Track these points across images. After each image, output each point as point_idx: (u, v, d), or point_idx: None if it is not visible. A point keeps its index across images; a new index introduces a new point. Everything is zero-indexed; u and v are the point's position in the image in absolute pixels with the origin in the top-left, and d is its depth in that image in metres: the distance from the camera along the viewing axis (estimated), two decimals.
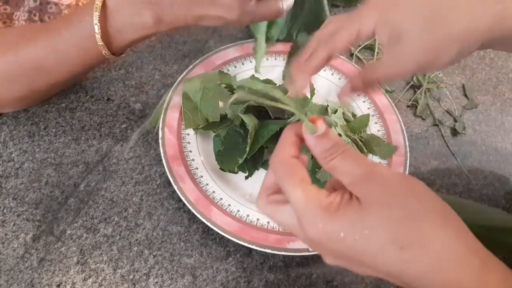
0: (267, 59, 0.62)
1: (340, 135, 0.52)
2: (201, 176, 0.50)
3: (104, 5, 0.44)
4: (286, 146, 0.32)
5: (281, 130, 0.49)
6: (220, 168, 0.51)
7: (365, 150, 0.54)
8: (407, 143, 0.55)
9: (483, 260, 0.27)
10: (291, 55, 0.62)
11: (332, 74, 0.62)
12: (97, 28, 0.44)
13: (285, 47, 0.63)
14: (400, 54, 0.36)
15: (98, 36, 0.44)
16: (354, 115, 0.58)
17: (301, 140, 0.32)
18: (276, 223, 0.34)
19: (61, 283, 0.44)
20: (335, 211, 0.28)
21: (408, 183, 0.29)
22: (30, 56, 0.45)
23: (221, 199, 0.48)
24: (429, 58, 0.35)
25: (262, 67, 0.58)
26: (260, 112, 0.52)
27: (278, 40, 0.62)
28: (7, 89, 0.48)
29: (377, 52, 0.69)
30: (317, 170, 0.50)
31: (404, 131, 0.56)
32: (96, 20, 0.44)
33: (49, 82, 0.49)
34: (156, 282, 0.45)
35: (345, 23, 0.39)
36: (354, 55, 0.68)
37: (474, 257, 0.27)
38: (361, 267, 0.29)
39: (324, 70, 0.62)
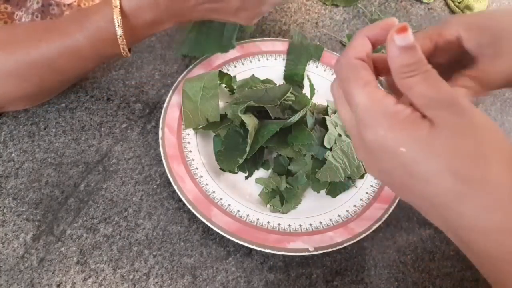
0: (267, 59, 0.62)
1: (340, 135, 0.52)
2: (201, 176, 0.50)
3: (121, 8, 0.44)
4: (354, 47, 0.29)
5: (281, 130, 0.50)
6: (220, 168, 0.51)
7: None
8: None
9: None
10: (290, 54, 0.62)
11: (332, 74, 0.62)
12: (119, 31, 0.44)
13: (285, 46, 0.63)
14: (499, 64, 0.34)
15: (120, 39, 0.45)
16: None
17: (374, 45, 0.29)
18: (335, 103, 0.31)
19: (61, 283, 0.44)
20: (402, 121, 0.26)
21: (488, 122, 0.27)
22: (42, 57, 0.45)
23: (221, 199, 0.48)
24: None
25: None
26: (260, 112, 0.52)
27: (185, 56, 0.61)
28: (16, 87, 0.48)
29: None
30: (317, 170, 0.50)
31: None
32: (118, 24, 0.44)
33: (59, 80, 0.49)
34: (156, 282, 0.45)
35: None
36: None
37: None
38: (403, 189, 0.28)
39: (324, 70, 0.62)
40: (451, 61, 0.37)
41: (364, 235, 0.47)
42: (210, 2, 0.47)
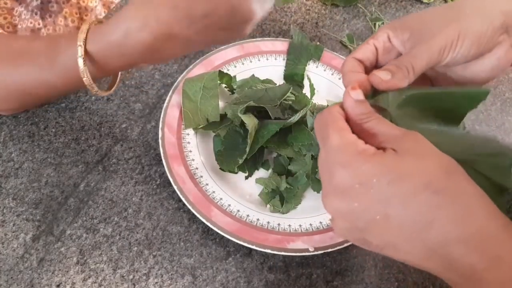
0: (267, 59, 0.62)
1: None
2: (201, 176, 0.50)
3: (86, 53, 0.41)
4: (335, 106, 0.34)
5: (281, 130, 0.49)
6: (220, 168, 0.51)
7: None
8: None
9: (506, 218, 0.28)
10: (290, 54, 0.62)
11: (332, 74, 0.62)
12: (88, 81, 0.42)
13: (285, 46, 0.63)
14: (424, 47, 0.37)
15: (90, 87, 0.43)
16: None
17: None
18: (318, 138, 0.34)
19: (61, 283, 0.44)
20: (371, 156, 0.29)
21: (437, 150, 0.31)
22: (17, 82, 0.45)
23: (221, 199, 0.48)
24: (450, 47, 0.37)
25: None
26: (260, 112, 0.52)
27: None
28: None
29: None
30: (317, 170, 0.50)
31: None
32: (85, 74, 0.42)
33: (39, 102, 0.49)
34: (156, 282, 0.45)
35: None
36: None
37: (500, 214, 0.28)
38: (381, 229, 0.29)
39: (324, 70, 0.62)
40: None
41: None
42: (193, 43, 0.42)
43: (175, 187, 0.48)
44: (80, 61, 0.41)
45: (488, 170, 0.32)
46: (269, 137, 0.49)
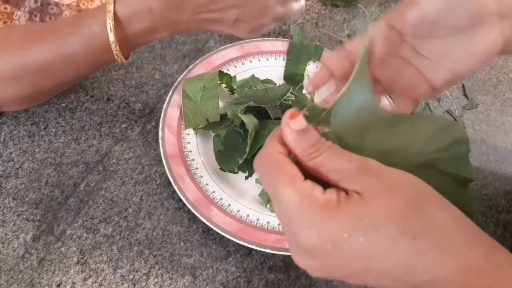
0: (267, 59, 0.62)
1: None
2: (201, 176, 0.50)
3: (115, 14, 0.44)
4: (273, 142, 0.29)
5: None
6: (220, 168, 0.51)
7: None
8: None
9: (486, 239, 0.27)
10: (290, 54, 0.62)
11: None
12: (112, 37, 0.44)
13: (284, 47, 0.63)
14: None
15: (113, 45, 0.45)
16: None
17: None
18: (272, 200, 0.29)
19: (61, 283, 0.44)
20: (336, 208, 0.26)
21: (398, 173, 0.27)
22: (35, 59, 0.45)
23: (221, 199, 0.48)
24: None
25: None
26: (260, 112, 0.52)
27: None
28: (9, 89, 0.47)
29: None
30: None
31: None
32: (110, 29, 0.44)
33: (53, 83, 0.49)
34: (156, 282, 0.45)
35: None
36: None
37: (478, 237, 0.27)
38: (361, 275, 0.27)
39: None
40: None
41: None
42: (207, 12, 0.47)
43: (175, 187, 0.48)
44: (109, 16, 0.43)
45: (450, 165, 0.30)
46: None
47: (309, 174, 0.28)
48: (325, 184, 0.27)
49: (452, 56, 0.37)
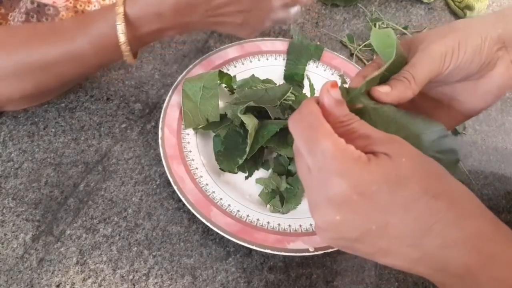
0: (267, 59, 0.61)
1: None
2: (201, 176, 0.50)
3: (125, 15, 0.44)
4: (312, 103, 0.31)
5: (281, 130, 0.49)
6: (220, 168, 0.51)
7: None
8: None
9: (491, 213, 0.29)
10: (290, 54, 0.62)
11: (332, 74, 0.62)
12: (122, 37, 0.44)
13: (284, 46, 0.63)
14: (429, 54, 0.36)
15: (123, 46, 0.45)
16: None
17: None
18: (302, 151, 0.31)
19: (61, 283, 0.44)
20: (367, 163, 0.28)
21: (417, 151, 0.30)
22: (42, 58, 0.45)
23: (221, 199, 0.48)
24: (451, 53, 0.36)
25: None
26: (260, 112, 0.52)
27: None
28: (14, 87, 0.47)
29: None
30: None
31: None
32: (121, 31, 0.44)
33: (58, 82, 0.49)
34: (156, 283, 0.45)
35: None
36: (354, 54, 0.68)
37: (486, 209, 0.29)
38: (377, 235, 0.28)
39: (324, 70, 0.62)
40: None
41: None
42: (215, 16, 0.48)
43: (175, 187, 0.47)
44: (119, 18, 0.44)
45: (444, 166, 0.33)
46: (269, 137, 0.49)
47: None
48: None
49: (462, 99, 0.40)
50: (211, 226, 0.46)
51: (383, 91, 0.34)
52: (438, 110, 0.40)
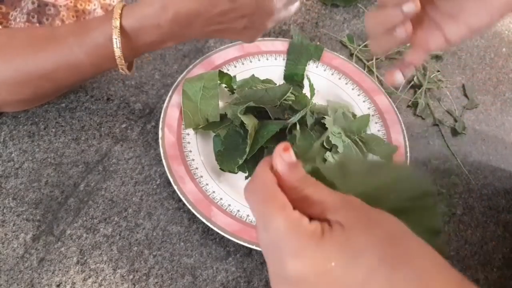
0: (267, 59, 0.62)
1: (340, 134, 0.52)
2: (201, 176, 0.50)
3: (122, 28, 0.44)
4: (265, 170, 0.30)
5: (281, 130, 0.50)
6: (220, 168, 0.51)
7: (365, 150, 0.54)
8: (407, 143, 0.55)
9: (462, 279, 0.27)
10: (290, 54, 0.62)
11: (332, 74, 0.62)
12: (118, 52, 0.44)
13: (284, 46, 0.63)
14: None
15: (119, 60, 0.45)
16: (354, 115, 0.58)
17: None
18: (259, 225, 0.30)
19: (61, 283, 0.44)
20: (321, 238, 0.26)
21: (377, 210, 0.29)
22: (39, 66, 0.45)
23: (221, 199, 0.48)
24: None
25: None
26: (260, 112, 0.52)
27: None
28: (11, 93, 0.48)
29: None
30: None
31: (404, 131, 0.56)
32: (116, 45, 0.44)
33: (55, 88, 0.49)
34: (156, 282, 0.45)
35: None
36: (354, 55, 0.68)
37: (454, 276, 0.27)
38: None
39: (324, 70, 0.62)
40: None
41: None
42: (216, 24, 0.47)
43: (175, 187, 0.48)
44: (116, 31, 0.43)
45: (419, 215, 0.31)
46: (269, 137, 0.49)
47: (293, 205, 0.28)
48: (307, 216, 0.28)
49: (470, 10, 0.39)
50: (211, 226, 0.46)
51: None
52: (447, 22, 0.40)
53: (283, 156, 0.29)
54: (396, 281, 0.25)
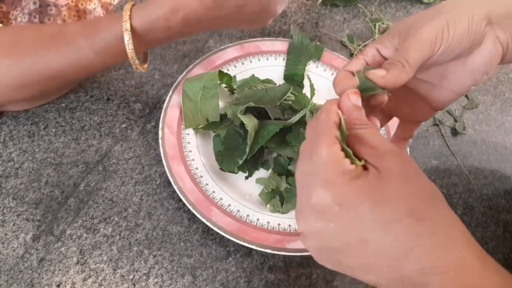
0: (267, 59, 0.62)
1: None
2: (201, 176, 0.50)
3: (132, 27, 0.44)
4: (330, 111, 0.31)
5: (281, 130, 0.49)
6: (220, 168, 0.51)
7: None
8: None
9: (478, 245, 0.28)
10: (290, 54, 0.62)
11: (332, 74, 0.62)
12: (131, 53, 0.45)
13: (284, 46, 0.63)
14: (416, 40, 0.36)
15: (132, 61, 0.46)
16: None
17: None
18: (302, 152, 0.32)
19: (61, 283, 0.44)
20: (355, 178, 0.28)
21: (420, 170, 0.30)
22: (49, 66, 0.46)
23: (221, 199, 0.48)
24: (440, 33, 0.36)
25: None
26: (260, 113, 0.52)
27: None
28: (18, 92, 0.48)
29: None
30: None
31: None
32: (129, 47, 0.45)
33: (62, 85, 0.49)
34: (156, 282, 0.45)
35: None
36: (354, 54, 0.68)
37: (473, 240, 0.28)
38: (357, 250, 0.28)
39: (324, 70, 0.62)
40: None
41: None
42: (222, 23, 0.48)
43: (175, 187, 0.48)
44: (127, 34, 0.44)
45: None
46: (269, 137, 0.49)
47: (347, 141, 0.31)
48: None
49: (453, 77, 0.39)
50: (211, 226, 0.46)
51: (379, 74, 0.34)
52: (431, 92, 0.40)
53: (351, 97, 0.32)
54: (415, 233, 0.27)
